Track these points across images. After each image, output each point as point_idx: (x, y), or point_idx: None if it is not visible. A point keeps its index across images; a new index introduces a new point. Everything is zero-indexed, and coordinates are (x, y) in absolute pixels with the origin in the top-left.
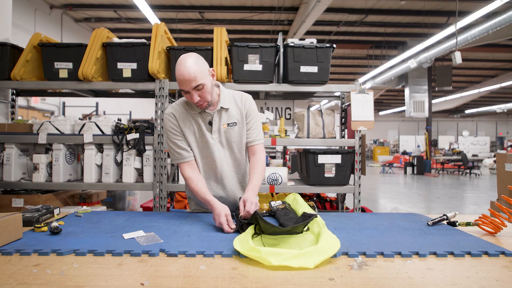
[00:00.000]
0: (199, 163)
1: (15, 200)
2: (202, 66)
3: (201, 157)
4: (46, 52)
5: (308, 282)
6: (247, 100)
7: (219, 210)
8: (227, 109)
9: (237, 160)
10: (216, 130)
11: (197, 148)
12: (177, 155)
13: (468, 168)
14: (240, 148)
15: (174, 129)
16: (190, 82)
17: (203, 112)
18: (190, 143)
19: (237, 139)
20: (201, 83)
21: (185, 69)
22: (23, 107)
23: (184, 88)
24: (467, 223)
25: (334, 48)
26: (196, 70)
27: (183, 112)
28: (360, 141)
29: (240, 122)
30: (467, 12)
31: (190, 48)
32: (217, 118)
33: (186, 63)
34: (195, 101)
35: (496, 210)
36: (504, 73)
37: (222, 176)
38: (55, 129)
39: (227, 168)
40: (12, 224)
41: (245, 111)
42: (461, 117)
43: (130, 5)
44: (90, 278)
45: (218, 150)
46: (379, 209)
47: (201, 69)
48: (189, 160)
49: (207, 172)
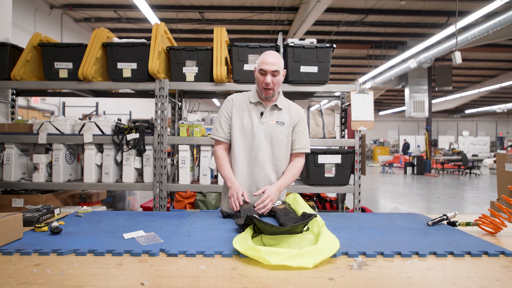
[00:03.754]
0: (238, 145)
1: (15, 200)
2: (282, 61)
3: (241, 140)
4: (46, 52)
5: (308, 282)
6: (299, 112)
7: (236, 187)
8: (280, 110)
9: (274, 155)
10: (264, 122)
11: (241, 132)
12: (215, 131)
13: (468, 168)
14: (279, 146)
15: (226, 111)
16: (273, 65)
17: (259, 104)
18: (234, 126)
19: (280, 137)
20: (278, 69)
21: (273, 55)
22: (23, 107)
23: (265, 68)
24: (467, 223)
25: (334, 48)
26: (278, 60)
27: (242, 100)
28: (360, 141)
29: (287, 125)
30: (467, 12)
31: (190, 48)
32: (269, 113)
33: (274, 53)
34: (268, 82)
35: (496, 210)
36: (504, 73)
37: (255, 163)
38: (55, 129)
39: (263, 158)
40: (13, 224)
41: (295, 121)
42: (461, 117)
43: (130, 5)
44: (90, 278)
45: (259, 139)
46: (379, 209)
47: (281, 62)
48: (223, 141)
49: (243, 156)
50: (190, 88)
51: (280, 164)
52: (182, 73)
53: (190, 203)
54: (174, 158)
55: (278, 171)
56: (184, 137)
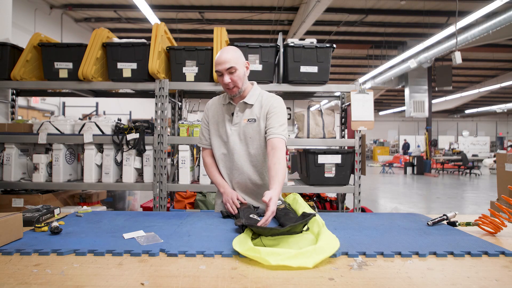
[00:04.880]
0: (217, 151)
1: (15, 200)
2: (237, 55)
3: (218, 145)
4: (46, 52)
5: (308, 282)
6: (272, 99)
7: (229, 193)
8: (251, 106)
9: (250, 155)
10: (236, 123)
11: (217, 137)
12: (199, 139)
13: (468, 168)
14: (255, 145)
15: (205, 118)
16: (226, 63)
17: (229, 104)
18: (211, 131)
19: (253, 136)
20: (233, 66)
21: (225, 51)
22: (23, 107)
23: (219, 68)
24: (467, 223)
25: (334, 48)
26: (231, 56)
27: (217, 104)
28: (360, 141)
29: (258, 120)
30: (467, 12)
31: (190, 48)
32: (240, 112)
33: (226, 49)
34: (226, 82)
35: (496, 210)
36: (504, 73)
37: (233, 166)
38: (55, 129)
39: (240, 160)
40: (13, 224)
41: (266, 109)
42: (461, 117)
43: (130, 5)
44: (90, 278)
45: (234, 141)
46: (379, 209)
47: (236, 56)
48: (206, 147)
49: (223, 160)
50: (190, 88)
51: (259, 163)
52: (182, 73)
53: (190, 203)
54: (174, 158)
55: (260, 170)
56: (184, 137)
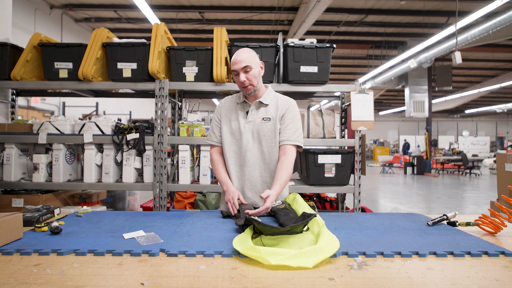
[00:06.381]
0: (228, 148)
1: (15, 200)
2: (252, 55)
3: (230, 142)
4: (46, 52)
5: (308, 282)
6: (288, 103)
7: (232, 192)
8: (266, 106)
9: (263, 153)
10: (251, 120)
11: (230, 134)
12: (209, 136)
13: (468, 168)
14: (269, 144)
15: (217, 116)
16: (242, 62)
17: (244, 103)
18: (223, 128)
19: (267, 134)
20: (248, 64)
21: (240, 52)
22: (23, 107)
23: (235, 67)
24: (467, 223)
25: (334, 48)
26: (246, 55)
27: (231, 103)
28: (360, 141)
29: (274, 119)
30: (467, 12)
31: (190, 48)
32: (255, 111)
33: (242, 50)
34: (242, 80)
35: (496, 210)
36: (504, 73)
37: (245, 164)
38: (55, 129)
39: (253, 157)
40: (13, 224)
41: (282, 112)
42: (461, 117)
43: (130, 5)
44: (90, 278)
45: (247, 139)
46: (379, 209)
47: (251, 56)
48: (216, 145)
49: (234, 158)
50: (190, 88)
51: (272, 161)
52: (182, 73)
53: (190, 203)
54: (174, 158)
55: (271, 168)
56: (184, 137)
